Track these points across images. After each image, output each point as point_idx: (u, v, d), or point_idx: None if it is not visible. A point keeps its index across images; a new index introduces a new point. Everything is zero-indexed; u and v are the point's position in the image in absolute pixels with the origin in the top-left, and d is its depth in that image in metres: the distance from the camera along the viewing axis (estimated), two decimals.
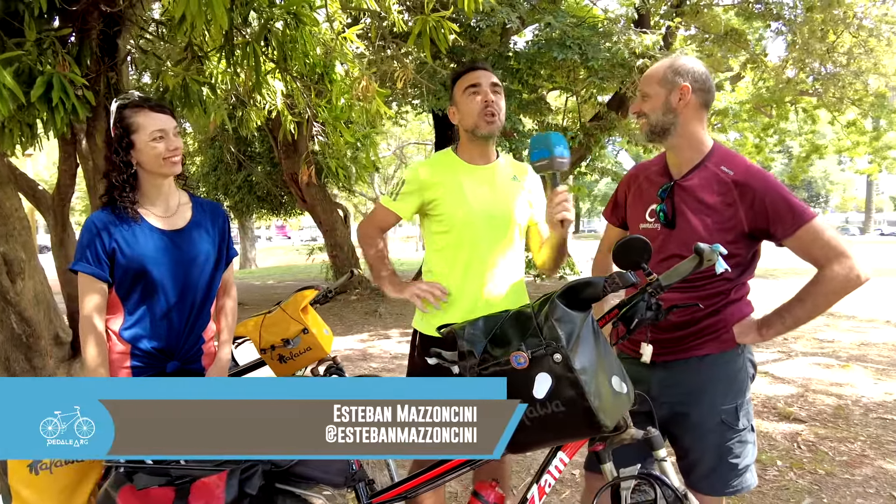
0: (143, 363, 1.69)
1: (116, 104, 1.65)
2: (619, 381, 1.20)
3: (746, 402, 1.66)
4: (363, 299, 9.95)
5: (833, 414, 3.95)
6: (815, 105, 12.71)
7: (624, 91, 8.46)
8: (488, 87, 1.85)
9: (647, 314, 1.27)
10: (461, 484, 2.97)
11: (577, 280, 1.19)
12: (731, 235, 1.56)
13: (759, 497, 2.80)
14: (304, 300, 2.52)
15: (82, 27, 3.85)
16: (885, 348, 5.88)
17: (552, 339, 1.11)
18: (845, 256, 1.49)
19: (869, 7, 9.08)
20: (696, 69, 1.60)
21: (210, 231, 1.81)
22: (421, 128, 25.44)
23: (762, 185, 1.54)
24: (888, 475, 3.03)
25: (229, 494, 1.22)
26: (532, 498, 1.35)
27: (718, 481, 1.64)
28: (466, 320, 1.30)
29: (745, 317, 1.65)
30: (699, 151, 1.63)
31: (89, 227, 1.64)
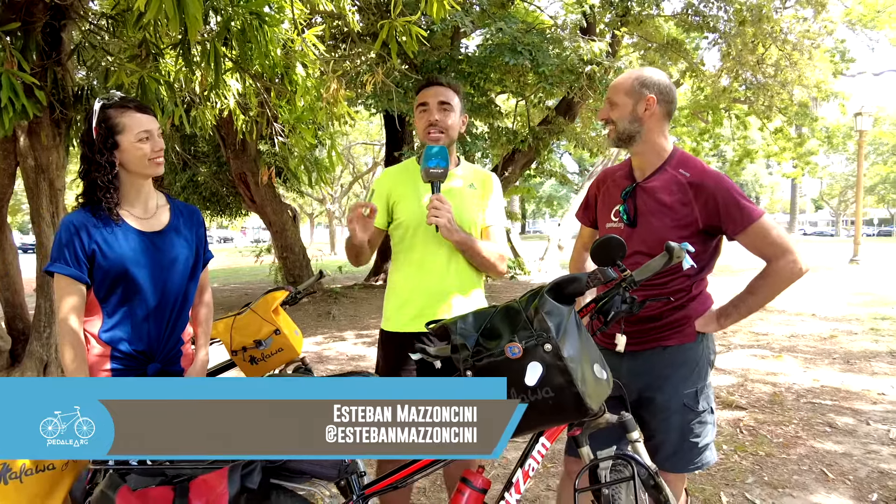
0: (123, 365, 1.67)
1: (100, 104, 1.63)
2: (599, 368, 1.30)
3: (706, 386, 1.81)
4: (315, 302, 9.85)
5: (769, 401, 4.25)
6: (746, 112, 13.49)
7: (572, 96, 8.74)
8: (435, 107, 1.97)
9: (623, 307, 1.38)
10: (428, 479, 3.04)
11: (563, 276, 1.28)
12: (687, 232, 1.70)
13: (708, 479, 3.01)
14: (275, 301, 2.52)
15: (27, 20, 3.69)
16: (811, 339, 6.35)
17: (542, 330, 1.20)
18: (789, 251, 1.66)
19: (793, 23, 9.74)
20: (661, 82, 1.74)
21: (188, 233, 1.81)
22: (369, 128, 25.30)
23: (715, 185, 1.69)
24: (819, 453, 3.30)
25: (232, 490, 1.24)
26: (517, 481, 1.43)
27: (682, 460, 1.78)
28: (456, 317, 1.37)
29: (706, 310, 1.80)
30: (660, 156, 1.76)
31: (67, 228, 1.61)
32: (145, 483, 1.32)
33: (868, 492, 2.84)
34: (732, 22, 9.13)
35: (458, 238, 1.88)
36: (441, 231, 1.85)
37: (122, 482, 1.28)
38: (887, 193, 41.39)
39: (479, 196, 2.05)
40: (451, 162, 2.01)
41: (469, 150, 9.18)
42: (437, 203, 1.83)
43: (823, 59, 11.19)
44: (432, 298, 1.96)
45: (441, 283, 1.96)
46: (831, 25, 10.61)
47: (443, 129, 1.96)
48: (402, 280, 2.03)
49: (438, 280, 1.96)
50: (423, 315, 1.94)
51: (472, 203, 2.02)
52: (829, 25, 10.44)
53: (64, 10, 4.11)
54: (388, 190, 2.06)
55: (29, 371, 4.69)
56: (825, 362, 5.34)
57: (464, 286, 1.99)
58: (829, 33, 10.71)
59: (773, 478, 3.01)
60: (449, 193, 1.97)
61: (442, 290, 1.96)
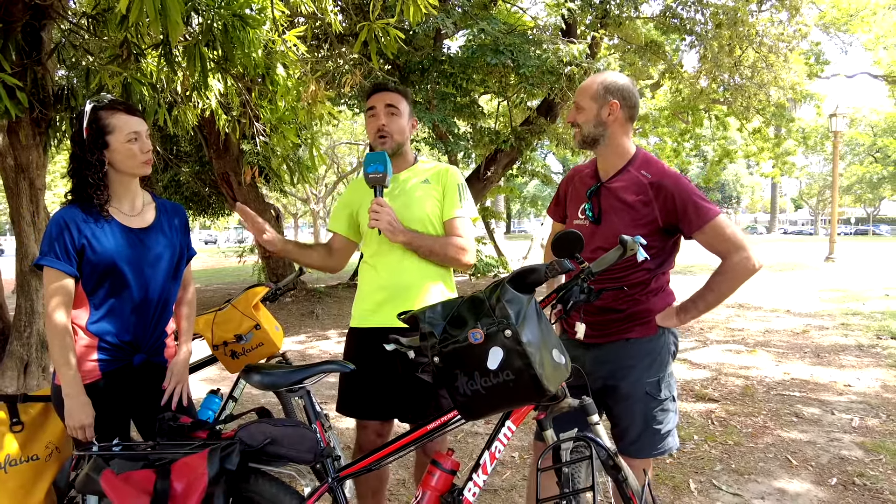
0: (110, 356, 1.74)
1: (91, 105, 1.71)
2: (558, 353, 1.39)
3: (667, 375, 1.90)
4: (299, 301, 9.88)
5: (741, 393, 4.39)
6: (725, 113, 13.73)
7: (553, 97, 8.86)
8: (382, 111, 2.04)
9: (581, 296, 1.47)
10: (408, 471, 3.11)
11: (523, 267, 1.36)
12: (647, 230, 1.79)
13: (678, 467, 3.12)
14: (256, 297, 2.58)
15: (6, 19, 3.70)
16: (785, 334, 6.53)
17: (503, 317, 1.28)
18: (743, 249, 1.75)
19: (768, 26, 9.95)
20: (625, 87, 1.83)
21: (173, 230, 1.88)
22: (353, 127, 25.27)
23: (674, 185, 1.78)
24: (784, 442, 3.43)
25: (212, 470, 1.31)
26: (484, 463, 1.51)
27: (645, 445, 1.87)
28: (425, 307, 1.45)
29: (668, 305, 1.89)
30: (623, 158, 1.86)
31: (58, 222, 1.67)
32: (128, 467, 1.38)
33: (828, 476, 2.97)
34: (709, 24, 9.31)
35: (402, 238, 1.93)
36: (384, 233, 1.90)
37: (107, 466, 1.34)
38: (864, 193, 42.23)
39: (434, 190, 2.06)
40: (406, 161, 2.11)
41: (452, 151, 9.27)
42: (375, 207, 1.89)
43: (798, 61, 11.45)
44: (389, 294, 2.01)
45: (395, 280, 2.01)
46: (805, 28, 10.83)
47: (389, 134, 2.03)
48: (362, 280, 2.12)
49: (392, 277, 2.01)
50: (378, 311, 2.02)
51: (425, 199, 2.04)
52: (803, 28, 10.66)
53: (44, 9, 4.11)
54: (351, 199, 2.17)
55: (9, 370, 4.68)
56: (796, 356, 5.50)
57: (420, 282, 2.02)
58: (803, 36, 10.93)
59: (739, 465, 3.13)
60: (402, 192, 2.04)
61: (396, 287, 2.00)
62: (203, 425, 1.65)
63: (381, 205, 1.89)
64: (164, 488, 1.31)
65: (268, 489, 1.50)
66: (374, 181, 1.89)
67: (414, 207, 2.02)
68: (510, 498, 2.83)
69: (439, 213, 2.05)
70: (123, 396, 1.78)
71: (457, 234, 2.04)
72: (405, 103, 2.09)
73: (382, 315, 2.00)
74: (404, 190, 2.06)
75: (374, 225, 1.89)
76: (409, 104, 2.12)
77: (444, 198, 2.06)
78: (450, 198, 2.06)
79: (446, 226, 2.05)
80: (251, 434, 1.48)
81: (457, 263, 2.04)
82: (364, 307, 2.07)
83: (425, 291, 2.02)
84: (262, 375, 1.62)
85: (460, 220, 2.06)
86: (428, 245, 1.98)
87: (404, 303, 1.98)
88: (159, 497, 1.30)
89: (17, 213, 4.66)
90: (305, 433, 1.51)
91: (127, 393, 1.79)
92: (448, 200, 2.06)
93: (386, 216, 1.89)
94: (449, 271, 2.12)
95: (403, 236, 1.93)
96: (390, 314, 1.96)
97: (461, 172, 2.21)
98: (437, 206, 2.05)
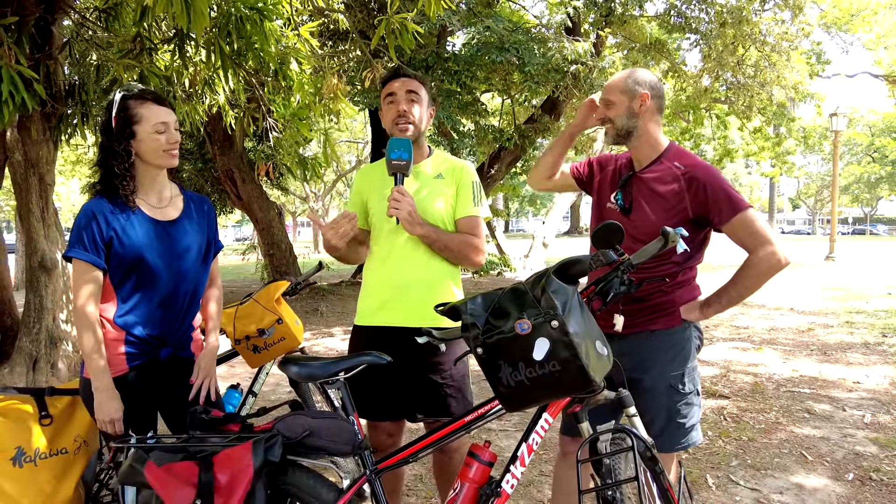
0: (136, 349, 1.72)
1: (121, 94, 1.68)
2: (601, 344, 1.39)
3: (691, 368, 1.90)
4: (303, 299, 9.85)
5: (751, 390, 4.40)
6: (726, 112, 13.76)
7: (557, 95, 8.86)
8: (403, 97, 1.93)
9: (621, 288, 1.47)
10: (424, 467, 3.11)
11: (568, 258, 1.36)
12: (677, 220, 1.79)
13: (695, 462, 3.12)
14: (278, 291, 2.58)
15: (19, 13, 3.68)
16: (790, 332, 6.54)
17: (549, 308, 1.28)
18: (770, 243, 1.75)
19: (771, 26, 9.97)
20: (652, 79, 1.85)
21: (200, 222, 1.86)
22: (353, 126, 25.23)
23: (706, 176, 1.78)
24: (798, 438, 3.44)
25: (257, 462, 1.30)
26: (522, 455, 1.51)
27: (669, 439, 1.87)
28: (465, 298, 1.44)
29: (693, 298, 1.89)
30: (657, 149, 1.86)
31: (86, 214, 1.66)
32: (169, 459, 1.38)
33: (845, 472, 2.98)
34: (713, 23, 9.32)
35: (420, 231, 1.85)
36: (402, 224, 1.83)
37: (147, 457, 1.33)
38: (861, 193, 42.38)
39: (449, 186, 1.99)
40: (421, 153, 2.01)
41: (456, 148, 9.25)
42: (396, 196, 1.81)
43: (800, 60, 11.47)
44: (395, 292, 1.94)
45: (405, 275, 1.93)
46: (808, 28, 10.88)
47: (411, 121, 1.92)
48: (369, 274, 2.03)
49: (402, 273, 1.93)
50: (385, 308, 1.94)
51: (440, 194, 1.97)
52: (805, 28, 10.70)
53: (55, 3, 4.10)
54: (361, 188, 2.07)
55: (18, 366, 4.66)
56: (803, 354, 5.52)
57: (431, 279, 1.95)
58: (805, 35, 10.97)
59: (755, 461, 3.14)
60: (416, 185, 1.96)
61: (406, 283, 1.93)
62: (234, 418, 1.64)
63: (403, 194, 1.82)
64: (208, 480, 1.30)
65: (306, 481, 1.50)
66: (397, 168, 1.81)
67: (426, 202, 1.95)
68: (528, 493, 2.83)
69: (451, 209, 1.99)
70: (151, 390, 1.77)
71: (472, 233, 1.98)
72: (424, 91, 1.99)
73: (388, 313, 1.95)
74: (418, 183, 1.98)
75: (393, 213, 1.81)
76: (429, 92, 2.03)
77: (458, 195, 1.99)
78: (465, 195, 2.00)
79: (460, 223, 1.99)
80: (289, 426, 1.48)
81: (469, 262, 1.98)
82: (370, 304, 2.00)
83: (433, 289, 1.95)
84: (300, 367, 1.61)
85: (476, 218, 2.00)
86: (444, 240, 1.91)
87: (412, 300, 1.92)
88: (204, 489, 1.30)
89: (25, 209, 4.64)
90: (344, 425, 1.51)
91: (154, 386, 1.78)
92: (463, 198, 2.00)
93: (407, 206, 1.81)
94: (457, 269, 2.04)
95: (421, 229, 1.86)
96: (397, 312, 1.93)
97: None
98: (448, 202, 1.98)
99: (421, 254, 1.94)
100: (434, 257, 1.95)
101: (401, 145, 1.82)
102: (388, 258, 1.97)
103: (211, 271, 1.95)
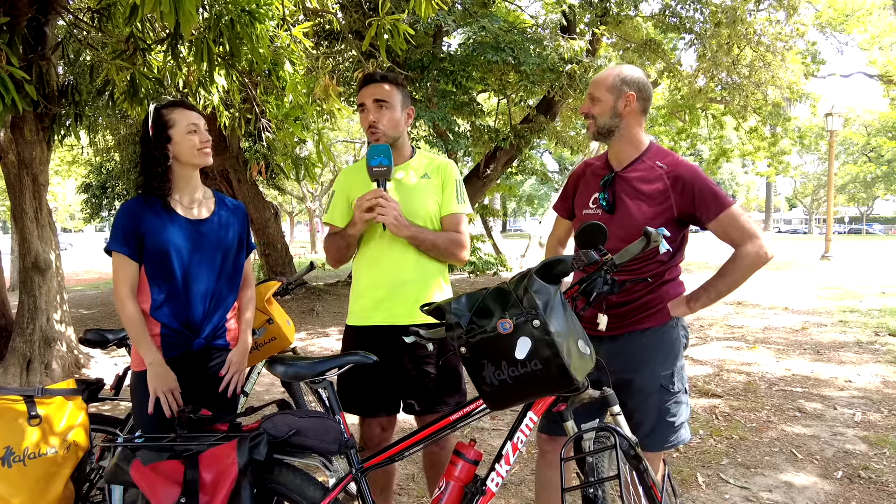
0: (170, 342, 1.83)
1: (153, 106, 1.84)
2: (584, 344, 1.40)
3: (680, 367, 1.91)
4: (299, 299, 9.86)
5: (744, 389, 4.42)
6: (722, 112, 13.79)
7: (553, 95, 8.87)
8: (371, 105, 1.96)
9: (605, 288, 1.48)
10: (417, 466, 3.12)
11: (550, 258, 1.38)
12: (662, 220, 1.80)
13: (685, 461, 3.14)
14: (269, 291, 2.59)
15: (12, 14, 3.69)
16: (784, 331, 6.57)
17: (531, 307, 1.29)
18: (756, 237, 1.77)
19: (766, 26, 10.00)
20: (640, 79, 1.85)
21: (231, 223, 1.96)
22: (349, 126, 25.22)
23: (691, 175, 1.80)
24: (789, 436, 3.46)
25: (241, 460, 1.32)
26: (507, 453, 1.52)
27: (659, 438, 1.88)
28: (450, 298, 1.45)
29: (679, 295, 1.90)
30: (638, 148, 1.87)
31: (125, 211, 1.80)
32: (155, 458, 1.39)
33: (834, 470, 3.00)
34: (708, 23, 9.35)
35: (407, 233, 1.90)
36: (389, 228, 1.87)
37: (135, 456, 1.34)
38: (857, 192, 42.49)
39: (434, 185, 2.03)
40: (402, 155, 2.04)
41: (451, 149, 9.26)
42: (381, 202, 1.84)
43: (795, 60, 11.50)
44: (389, 291, 1.97)
45: (397, 275, 1.97)
46: (803, 28, 10.90)
47: (381, 131, 1.96)
48: (361, 275, 2.05)
49: (395, 273, 1.97)
50: (380, 308, 1.98)
51: (425, 194, 2.01)
52: (800, 28, 10.72)
53: (48, 3, 4.10)
54: (346, 189, 2.08)
55: (12, 367, 4.67)
56: (796, 353, 5.54)
57: (423, 277, 1.99)
58: (800, 35, 10.99)
59: (746, 459, 3.16)
60: (400, 187, 2.00)
61: (399, 282, 1.97)
62: (222, 418, 1.66)
63: (387, 199, 1.86)
64: (193, 478, 1.31)
65: (292, 480, 1.51)
66: (378, 174, 1.86)
67: (415, 203, 1.99)
68: (519, 492, 2.84)
69: (438, 208, 2.03)
70: (186, 379, 1.83)
71: (456, 230, 2.03)
72: (397, 93, 1.99)
73: (383, 312, 1.98)
74: (403, 184, 2.02)
75: (380, 219, 1.86)
76: (403, 93, 2.02)
77: (442, 193, 2.04)
78: (449, 193, 2.05)
79: (445, 221, 2.04)
80: (276, 425, 1.49)
81: (455, 259, 2.03)
82: (363, 304, 2.02)
83: (425, 287, 2.00)
84: (287, 366, 1.63)
85: (460, 216, 2.05)
86: (431, 240, 1.96)
87: (405, 299, 1.96)
88: (189, 487, 1.31)
89: (19, 210, 4.64)
90: (330, 424, 1.52)
91: (189, 376, 1.84)
92: (447, 196, 2.04)
93: (392, 210, 1.86)
94: (445, 267, 2.10)
95: (408, 231, 1.90)
96: (391, 311, 1.97)
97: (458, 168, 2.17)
98: (436, 201, 2.03)
99: (411, 254, 1.98)
100: (422, 257, 2.00)
101: (380, 151, 1.86)
102: (380, 258, 2.00)
103: (245, 271, 2.03)
